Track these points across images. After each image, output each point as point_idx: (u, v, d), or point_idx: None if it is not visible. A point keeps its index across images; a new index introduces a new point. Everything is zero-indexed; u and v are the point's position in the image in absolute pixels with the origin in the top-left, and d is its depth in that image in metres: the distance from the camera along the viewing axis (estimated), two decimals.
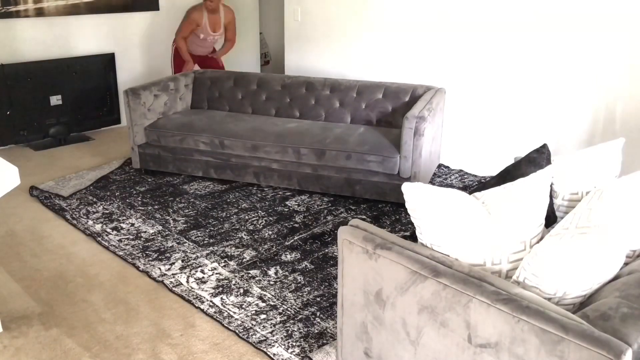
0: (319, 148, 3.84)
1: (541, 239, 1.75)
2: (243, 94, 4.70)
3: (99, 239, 3.41)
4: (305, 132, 4.01)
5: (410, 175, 3.70)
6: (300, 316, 2.66)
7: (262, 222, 3.63)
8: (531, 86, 4.07)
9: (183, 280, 2.97)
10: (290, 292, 2.86)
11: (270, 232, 3.49)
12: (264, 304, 2.75)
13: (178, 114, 4.57)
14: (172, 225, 3.59)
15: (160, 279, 2.98)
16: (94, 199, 3.98)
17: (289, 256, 3.21)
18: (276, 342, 2.48)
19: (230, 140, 4.06)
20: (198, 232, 3.49)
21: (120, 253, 3.24)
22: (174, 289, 2.89)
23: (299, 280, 2.96)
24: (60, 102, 5.21)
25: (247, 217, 3.69)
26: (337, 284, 2.65)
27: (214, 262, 3.14)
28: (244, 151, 4.06)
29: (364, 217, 3.72)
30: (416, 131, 3.59)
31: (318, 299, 2.80)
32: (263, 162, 4.04)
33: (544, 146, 2.36)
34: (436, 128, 4.04)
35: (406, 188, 1.82)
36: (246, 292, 2.85)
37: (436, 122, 3.99)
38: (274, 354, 2.40)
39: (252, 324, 2.60)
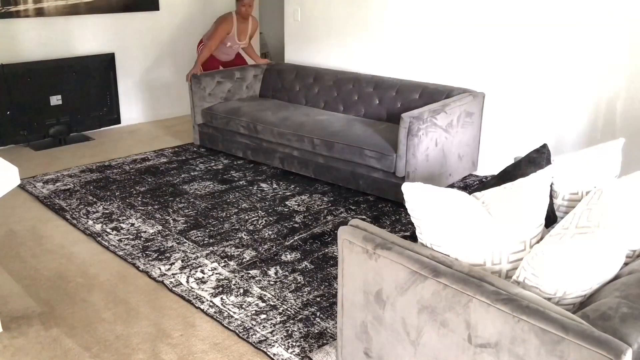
0: (328, 140, 4.08)
1: (541, 239, 1.75)
2: (301, 86, 5.07)
3: (99, 239, 3.41)
4: (326, 125, 4.23)
5: (404, 174, 3.72)
6: (300, 316, 2.66)
7: (262, 222, 3.63)
8: (531, 86, 4.06)
9: (183, 280, 2.97)
10: (290, 292, 2.86)
11: (270, 232, 3.49)
12: (264, 304, 2.75)
13: (236, 100, 5.05)
14: (172, 225, 3.59)
15: (160, 279, 2.98)
16: (94, 199, 3.98)
17: (289, 256, 3.21)
18: (276, 342, 2.48)
19: (261, 126, 4.49)
20: (198, 232, 3.49)
21: (120, 253, 3.24)
22: (174, 289, 2.89)
23: (299, 280, 2.96)
24: (60, 102, 5.21)
25: (247, 217, 3.69)
26: (337, 284, 2.65)
27: (214, 262, 3.14)
28: (272, 137, 4.44)
29: (364, 217, 3.72)
30: (410, 131, 3.61)
31: (318, 299, 2.80)
32: (286, 149, 4.39)
33: (544, 146, 2.36)
34: (455, 133, 3.97)
35: (406, 188, 1.82)
36: (246, 292, 2.85)
37: (455, 127, 3.94)
38: (274, 354, 2.40)
39: (252, 324, 2.60)
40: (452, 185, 4.20)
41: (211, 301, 2.78)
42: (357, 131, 4.06)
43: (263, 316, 2.66)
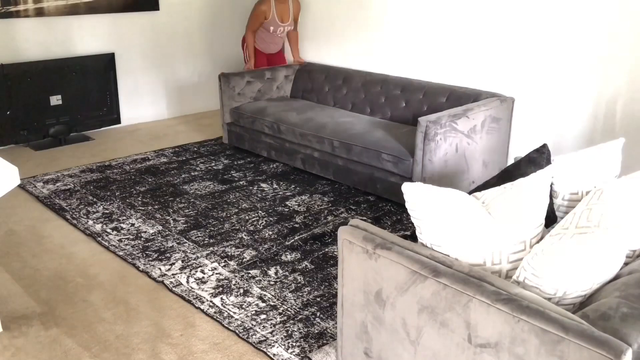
0: (347, 142, 4.04)
1: (541, 239, 1.75)
2: (329, 87, 5.04)
3: (99, 239, 3.41)
4: (348, 127, 4.19)
5: (420, 179, 3.60)
6: (300, 316, 2.66)
7: (262, 222, 3.63)
8: (531, 86, 4.06)
9: (183, 280, 2.97)
10: (290, 292, 2.86)
11: (270, 232, 3.49)
12: (264, 304, 2.75)
13: (265, 100, 5.02)
14: (172, 225, 3.59)
15: (160, 279, 2.98)
16: (94, 199, 3.98)
17: (289, 256, 3.21)
18: (276, 342, 2.48)
19: (285, 126, 4.48)
20: (198, 232, 3.49)
21: (120, 253, 3.24)
22: (174, 289, 2.89)
23: (299, 280, 2.96)
24: (60, 102, 5.21)
25: (247, 217, 3.69)
26: (337, 284, 2.65)
27: (214, 262, 3.14)
28: (294, 138, 4.43)
29: (364, 217, 3.72)
30: (426, 135, 3.51)
31: (318, 299, 2.80)
32: (307, 150, 4.37)
33: (544, 146, 2.36)
34: (479, 139, 3.83)
35: (406, 188, 1.82)
36: (246, 292, 2.85)
37: (479, 132, 3.80)
38: (274, 354, 2.40)
39: (252, 324, 2.60)
40: None
41: (211, 301, 2.78)
42: (377, 134, 3.97)
43: (263, 316, 2.66)
